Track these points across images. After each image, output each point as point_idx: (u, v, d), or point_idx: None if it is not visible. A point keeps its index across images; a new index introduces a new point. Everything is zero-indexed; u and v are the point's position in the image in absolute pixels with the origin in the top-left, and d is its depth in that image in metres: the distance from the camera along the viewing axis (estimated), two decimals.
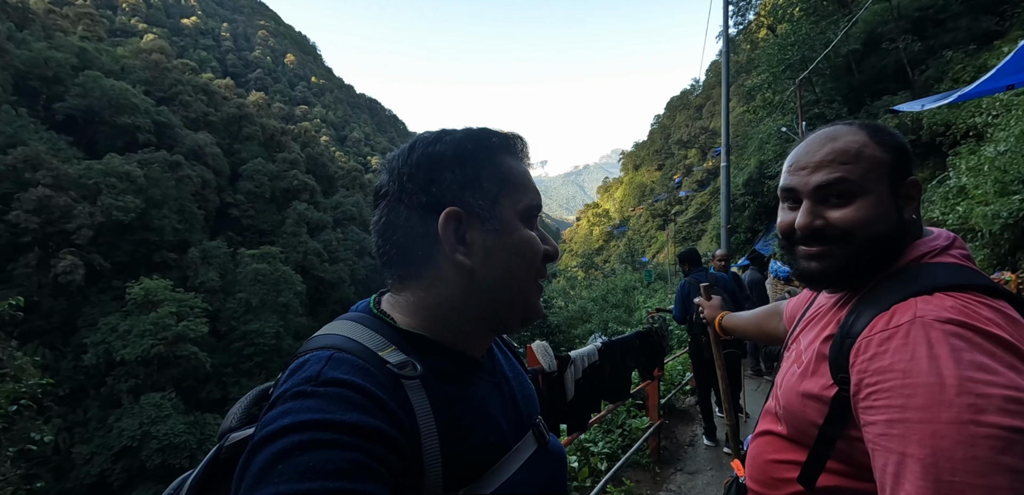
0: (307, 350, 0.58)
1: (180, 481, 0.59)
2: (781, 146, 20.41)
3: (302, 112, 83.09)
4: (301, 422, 0.45)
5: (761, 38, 31.34)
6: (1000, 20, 14.43)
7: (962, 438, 0.55)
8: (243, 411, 0.61)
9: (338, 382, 0.50)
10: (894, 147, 0.80)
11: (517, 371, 0.81)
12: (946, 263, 0.74)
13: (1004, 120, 8.44)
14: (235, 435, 0.56)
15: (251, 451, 0.45)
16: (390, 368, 0.55)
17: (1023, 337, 0.62)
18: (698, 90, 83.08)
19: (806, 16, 20.28)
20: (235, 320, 36.48)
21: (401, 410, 0.52)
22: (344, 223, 59.17)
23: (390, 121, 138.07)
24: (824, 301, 0.91)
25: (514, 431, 0.68)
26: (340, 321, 0.64)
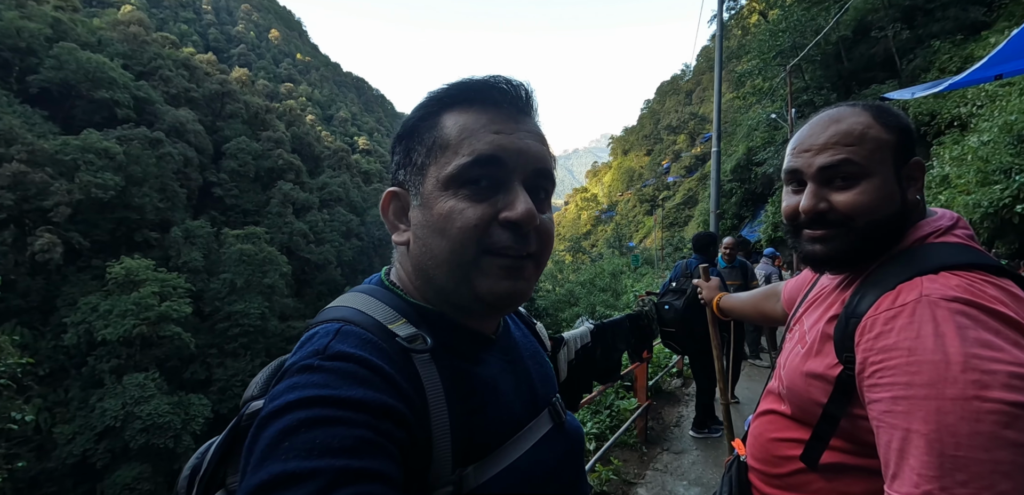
0: (317, 322, 0.57)
1: (205, 448, 0.60)
2: (769, 133, 20.61)
3: (287, 90, 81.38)
4: (307, 398, 0.45)
5: (753, 24, 31.37)
6: (988, 11, 14.63)
7: (966, 414, 0.56)
8: (264, 380, 0.59)
9: (345, 356, 0.49)
10: (898, 128, 0.80)
11: (535, 349, 0.78)
12: (951, 243, 0.75)
13: (988, 111, 8.59)
14: (254, 404, 0.55)
15: (258, 426, 0.45)
16: (399, 341, 0.54)
17: (1017, 310, 0.62)
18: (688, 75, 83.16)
19: (798, 2, 20.35)
20: (219, 301, 36.05)
21: (410, 384, 0.52)
22: (330, 204, 58.53)
23: (377, 101, 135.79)
24: (827, 282, 0.92)
25: (528, 409, 0.66)
26: (352, 293, 0.63)
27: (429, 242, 0.59)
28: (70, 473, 24.81)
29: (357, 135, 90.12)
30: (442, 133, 0.59)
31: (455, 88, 0.61)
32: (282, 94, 77.98)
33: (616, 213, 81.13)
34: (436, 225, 0.58)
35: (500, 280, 0.58)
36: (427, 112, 0.62)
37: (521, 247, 0.58)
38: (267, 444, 0.43)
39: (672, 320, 4.05)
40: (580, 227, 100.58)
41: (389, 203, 0.64)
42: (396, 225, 0.64)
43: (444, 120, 0.60)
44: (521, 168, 0.59)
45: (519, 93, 0.62)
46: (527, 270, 0.60)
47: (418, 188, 0.61)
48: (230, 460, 0.55)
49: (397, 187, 0.64)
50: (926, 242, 0.77)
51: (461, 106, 0.60)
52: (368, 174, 73.56)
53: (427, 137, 0.61)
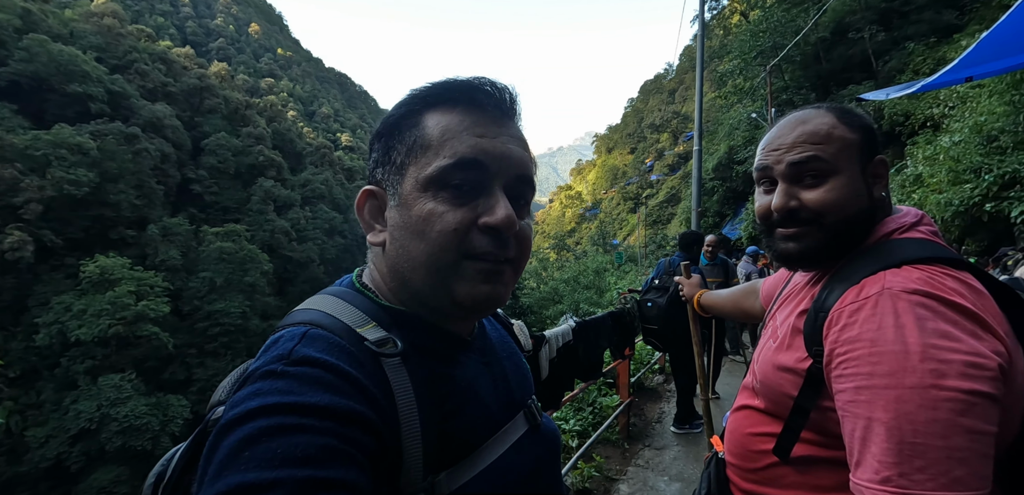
0: (283, 325, 0.56)
1: (170, 455, 0.58)
2: (751, 132, 20.90)
3: (268, 85, 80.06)
4: (269, 405, 0.43)
5: (734, 24, 31.76)
6: (960, 14, 15.02)
7: (924, 402, 0.58)
8: (232, 385, 0.58)
9: (310, 361, 0.47)
10: (861, 127, 0.84)
11: (512, 350, 0.78)
12: (914, 238, 0.78)
13: (959, 112, 8.83)
14: (220, 409, 0.53)
15: (218, 435, 0.43)
16: (368, 345, 0.52)
17: (986, 306, 0.65)
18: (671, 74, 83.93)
19: (778, 3, 20.66)
20: (199, 300, 35.44)
21: (378, 389, 0.50)
22: (313, 201, 57.88)
23: (361, 97, 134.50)
24: (800, 279, 0.94)
25: (504, 411, 0.65)
26: (321, 295, 0.61)
27: (407, 244, 0.57)
28: (44, 477, 24.18)
29: (340, 132, 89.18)
30: (424, 133, 0.58)
31: (438, 87, 0.60)
32: (263, 89, 76.70)
33: (600, 211, 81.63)
34: (415, 227, 0.56)
35: (478, 284, 0.57)
36: (408, 110, 0.60)
37: (500, 252, 0.57)
38: (227, 453, 0.41)
39: (655, 317, 4.09)
40: (564, 225, 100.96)
41: (365, 202, 0.62)
42: (371, 225, 0.62)
43: (426, 120, 0.58)
44: (503, 173, 0.58)
45: (503, 96, 0.61)
46: (505, 275, 0.59)
47: (396, 188, 0.59)
48: (195, 467, 0.52)
49: (374, 186, 0.62)
50: (891, 238, 0.79)
51: (444, 106, 0.59)
52: (351, 171, 72.85)
53: (408, 136, 0.59)
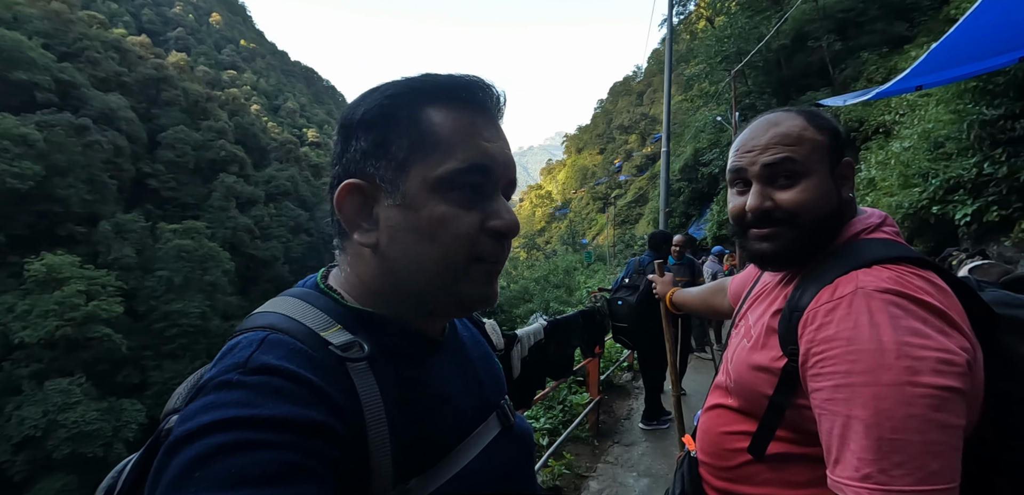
0: (241, 330, 0.53)
1: (121, 467, 0.55)
2: (715, 135, 21.46)
3: (230, 77, 77.41)
4: (224, 419, 0.40)
5: (700, 29, 32.52)
6: (910, 26, 15.79)
7: (901, 398, 0.60)
8: (188, 391, 0.55)
9: (269, 369, 0.45)
10: (829, 130, 0.86)
11: (484, 350, 0.76)
12: (881, 238, 0.80)
13: (909, 119, 9.29)
14: (175, 418, 0.50)
15: (167, 452, 0.40)
16: (333, 350, 0.50)
17: (950, 303, 0.67)
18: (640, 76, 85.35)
19: (742, 10, 21.29)
20: (156, 300, 33.97)
21: (343, 396, 0.48)
22: (278, 198, 56.30)
23: (328, 92, 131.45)
24: (769, 279, 0.96)
25: (476, 413, 0.64)
26: (282, 298, 0.58)
27: (415, 247, 0.55)
28: None
29: (306, 127, 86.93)
30: (431, 130, 0.55)
31: (441, 81, 0.57)
32: (225, 82, 74.11)
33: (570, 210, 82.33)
34: (426, 230, 0.54)
35: (483, 286, 0.58)
36: (407, 102, 0.56)
37: (502, 255, 0.58)
38: (176, 474, 0.38)
39: (625, 316, 4.15)
40: (535, 224, 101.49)
41: (347, 196, 0.56)
42: (358, 223, 0.57)
43: (431, 115, 0.56)
44: (502, 177, 0.59)
45: (497, 98, 0.60)
46: (497, 275, 0.60)
47: (397, 186, 0.55)
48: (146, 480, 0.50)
49: (360, 180, 0.56)
50: (859, 238, 0.82)
51: (448, 104, 0.56)
52: (318, 167, 71.11)
53: (411, 130, 0.55)
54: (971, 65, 3.85)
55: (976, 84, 6.28)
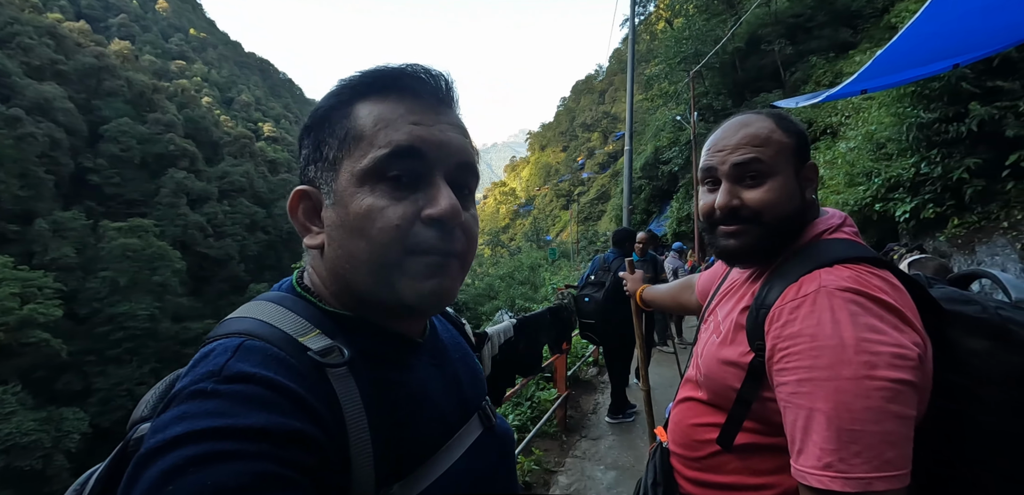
0: (215, 336, 0.51)
1: (85, 477, 0.53)
2: (675, 133, 22.03)
3: (179, 68, 73.65)
4: (198, 430, 0.39)
5: (659, 30, 33.26)
6: (854, 33, 16.66)
7: (859, 391, 0.64)
8: (156, 399, 0.53)
9: (245, 377, 0.43)
10: (796, 133, 0.91)
11: (464, 351, 0.76)
12: (842, 239, 0.85)
13: (854, 121, 9.81)
14: (144, 426, 0.49)
15: (138, 465, 0.38)
16: (311, 356, 0.49)
17: (904, 301, 0.72)
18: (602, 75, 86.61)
19: (699, 13, 21.92)
20: (99, 302, 32.11)
21: (323, 403, 0.47)
22: (232, 195, 54.11)
23: (285, 85, 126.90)
24: (737, 276, 1.01)
25: (458, 414, 0.64)
26: (257, 302, 0.56)
27: (347, 244, 0.54)
28: None
29: (262, 121, 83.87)
30: (356, 124, 0.54)
31: (370, 75, 0.56)
32: (173, 72, 70.49)
33: (534, 207, 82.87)
34: (353, 225, 0.53)
35: (424, 281, 0.54)
36: (338, 101, 0.56)
37: (446, 245, 0.55)
38: (148, 488, 0.36)
39: (591, 312, 4.22)
40: (499, 221, 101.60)
41: (298, 203, 0.57)
42: (307, 227, 0.58)
43: (358, 110, 0.55)
44: (443, 161, 0.56)
45: (438, 83, 0.58)
46: (452, 269, 0.56)
47: (331, 185, 0.55)
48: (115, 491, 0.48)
49: (306, 185, 0.57)
50: (821, 238, 0.87)
51: (376, 95, 0.55)
52: (275, 163, 68.78)
53: (339, 128, 0.55)
54: (910, 71, 4.10)
55: (914, 89, 6.70)
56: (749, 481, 0.84)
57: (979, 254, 6.03)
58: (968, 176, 6.23)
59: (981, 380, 0.71)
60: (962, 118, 6.20)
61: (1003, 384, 0.69)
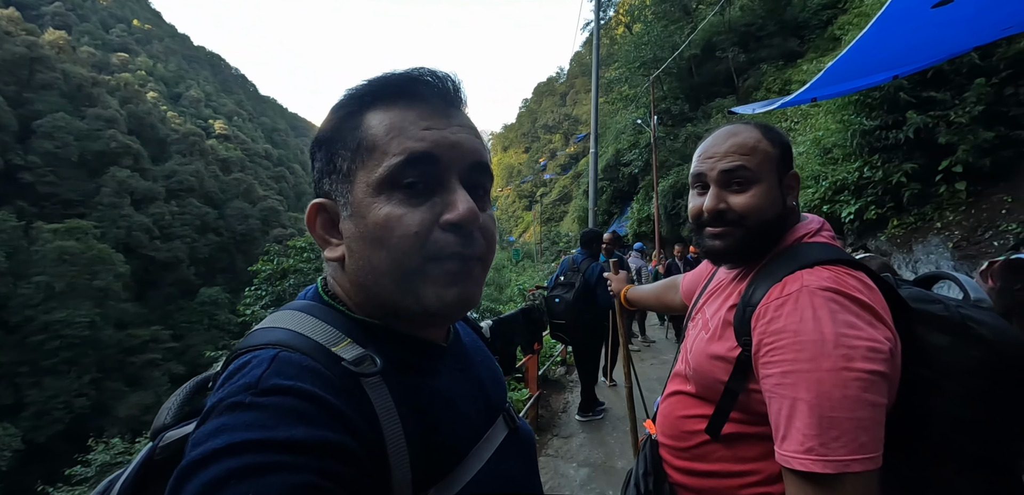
0: (248, 347, 0.51)
1: (108, 482, 0.53)
2: (635, 136, 22.53)
3: (121, 61, 69.55)
4: (237, 443, 0.39)
5: (619, 35, 33.95)
6: (801, 42, 17.51)
7: (838, 382, 0.71)
8: (178, 406, 0.54)
9: (282, 390, 0.44)
10: (780, 144, 0.98)
11: (485, 354, 0.77)
12: (820, 242, 0.92)
13: (803, 127, 10.35)
14: (171, 434, 0.51)
15: (180, 477, 0.39)
16: (346, 365, 0.49)
17: (878, 300, 0.80)
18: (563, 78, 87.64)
19: (657, 19, 22.52)
20: (32, 309, 30.00)
21: (359, 413, 0.47)
22: (181, 194, 51.63)
23: (238, 81, 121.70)
24: (724, 276, 1.07)
25: (484, 417, 0.64)
26: (286, 311, 0.56)
27: (367, 255, 0.54)
28: None
29: (213, 118, 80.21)
30: (368, 133, 0.54)
31: (377, 83, 0.56)
32: (114, 65, 66.58)
33: (497, 208, 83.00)
34: (372, 235, 0.53)
35: (447, 287, 0.54)
36: (347, 112, 0.57)
37: (467, 250, 0.55)
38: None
39: (562, 312, 4.29)
40: None
41: (316, 216, 0.58)
42: (327, 239, 0.58)
43: (368, 119, 0.55)
44: (457, 164, 0.56)
45: (446, 85, 0.58)
46: (474, 273, 0.57)
47: (347, 197, 0.55)
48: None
49: (322, 198, 0.58)
50: (802, 241, 0.94)
51: (386, 102, 0.56)
52: (227, 162, 65.96)
53: (351, 139, 0.55)
54: (855, 81, 4.39)
55: (858, 98, 7.13)
56: (735, 468, 0.90)
57: (916, 252, 6.49)
58: (906, 180, 6.68)
59: (944, 372, 0.79)
60: (900, 126, 6.64)
61: (962, 375, 0.78)
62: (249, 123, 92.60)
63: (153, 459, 0.50)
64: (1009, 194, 5.80)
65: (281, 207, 67.45)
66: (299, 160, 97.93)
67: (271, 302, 11.18)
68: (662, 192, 17.27)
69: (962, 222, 6.12)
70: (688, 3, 22.93)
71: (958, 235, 6.02)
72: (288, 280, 11.32)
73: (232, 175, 63.70)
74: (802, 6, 17.98)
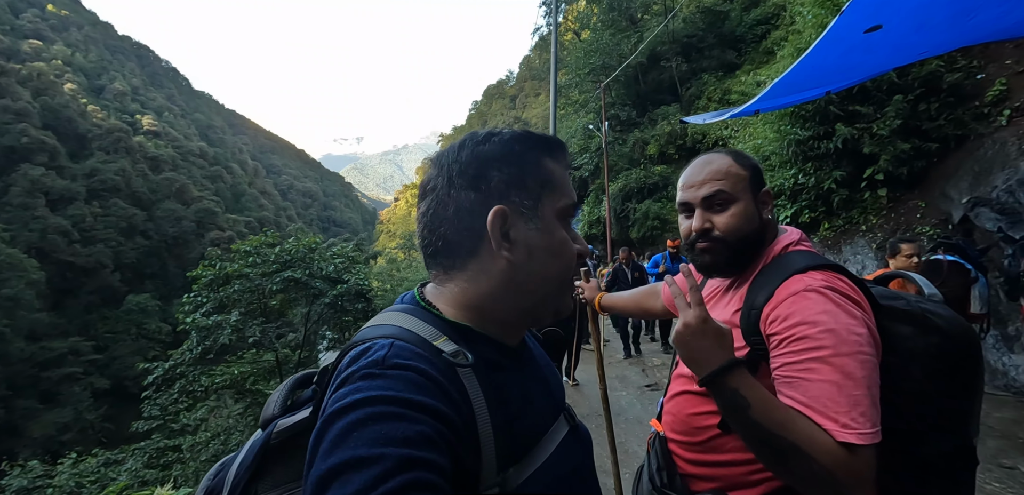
0: (366, 338, 0.60)
1: (220, 465, 0.66)
2: (585, 141, 23.05)
3: (33, 49, 63.52)
4: (372, 397, 0.50)
5: (568, 41, 34.60)
6: (738, 55, 18.58)
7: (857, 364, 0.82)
8: (282, 400, 0.66)
9: (403, 366, 0.54)
10: (750, 166, 1.11)
11: (546, 359, 0.86)
12: (803, 250, 1.05)
13: (742, 135, 10.99)
14: (284, 421, 0.62)
15: (326, 422, 0.49)
16: (445, 357, 0.58)
17: (861, 297, 0.92)
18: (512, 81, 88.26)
19: (605, 27, 23.16)
20: None
21: (458, 394, 0.56)
22: (104, 195, 47.97)
23: (168, 75, 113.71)
24: (717, 284, 1.18)
25: (550, 413, 0.73)
26: (391, 312, 0.67)
27: (548, 262, 0.68)
28: None
29: (140, 113, 74.70)
30: (550, 174, 0.70)
31: (552, 141, 0.74)
32: (26, 53, 60.77)
33: None
34: (555, 249, 0.69)
35: (569, 298, 0.73)
36: (532, 151, 0.71)
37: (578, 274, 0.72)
38: (336, 435, 0.47)
39: None
40: (411, 224, 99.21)
41: (496, 218, 0.66)
42: (502, 242, 0.66)
43: (547, 163, 0.71)
44: None
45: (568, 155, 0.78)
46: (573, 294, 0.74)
47: (534, 213, 0.68)
48: (262, 477, 0.61)
49: (504, 205, 0.66)
50: (788, 251, 1.06)
51: (554, 157, 0.73)
52: (157, 160, 61.71)
53: (537, 172, 0.70)
54: (792, 96, 4.77)
55: (793, 111, 7.68)
56: (745, 456, 0.98)
57: (845, 253, 7.06)
58: (835, 186, 7.26)
59: (908, 357, 0.92)
60: (830, 137, 7.21)
61: (924, 358, 0.91)
62: (182, 119, 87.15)
63: (269, 443, 0.61)
64: (923, 199, 6.44)
65: (218, 208, 63.92)
66: (237, 159, 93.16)
67: (213, 309, 10.57)
68: (612, 195, 17.79)
69: (883, 225, 6.73)
70: (634, 13, 23.77)
71: (880, 237, 6.62)
72: (232, 286, 10.74)
73: (163, 174, 59.78)
74: (739, 21, 19.10)
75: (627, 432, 4.60)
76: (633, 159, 19.73)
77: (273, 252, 11.38)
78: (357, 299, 12.29)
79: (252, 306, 11.21)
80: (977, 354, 0.94)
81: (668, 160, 18.10)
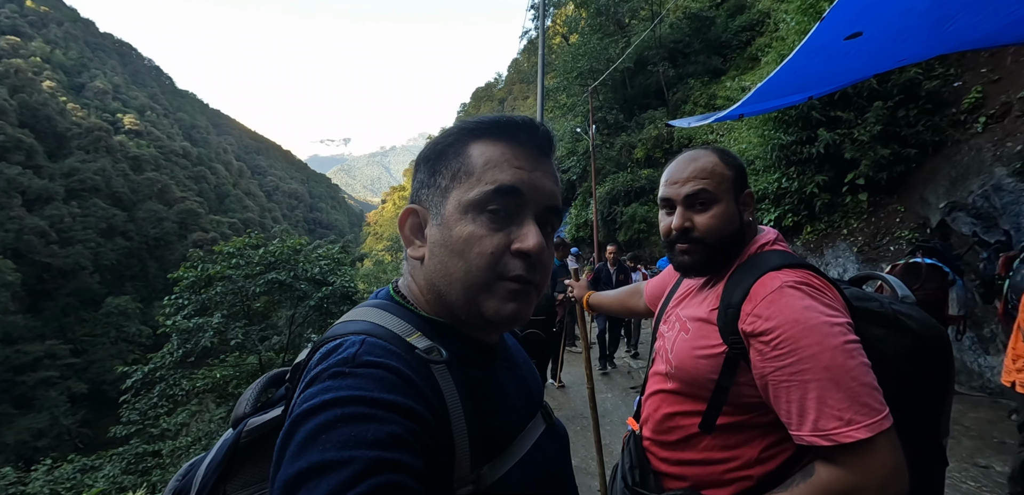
0: (337, 335, 0.59)
1: (189, 465, 0.63)
2: (572, 143, 23.14)
3: (11, 45, 61.96)
4: (341, 397, 0.48)
5: (556, 45, 34.72)
6: (723, 61, 18.81)
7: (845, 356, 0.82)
8: (255, 398, 0.63)
9: (374, 364, 0.52)
10: (735, 166, 1.10)
11: (525, 357, 0.85)
12: (778, 250, 1.05)
13: (727, 140, 11.11)
14: (254, 420, 0.60)
15: (293, 423, 0.48)
16: (418, 353, 0.57)
17: (835, 294, 0.93)
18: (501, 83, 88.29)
19: (592, 32, 23.29)
20: None
21: (431, 391, 0.55)
22: (83, 195, 46.97)
23: (151, 73, 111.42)
24: (693, 283, 1.17)
25: (526, 411, 0.73)
26: (365, 308, 0.66)
27: (446, 261, 0.63)
28: None
29: (122, 112, 73.17)
30: (468, 161, 0.64)
31: (485, 123, 0.66)
32: (4, 49, 59.30)
33: None
34: (455, 246, 0.62)
35: (506, 303, 0.63)
36: (456, 139, 0.66)
37: (529, 275, 0.63)
38: (304, 437, 0.46)
39: None
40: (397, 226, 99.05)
41: (407, 219, 0.68)
42: (412, 240, 0.68)
43: (471, 149, 0.64)
44: (535, 203, 0.64)
45: (541, 136, 0.68)
46: (530, 296, 0.65)
47: (439, 209, 0.65)
48: (231, 477, 0.59)
49: (417, 205, 0.68)
50: (764, 250, 1.06)
51: (488, 139, 0.65)
52: (139, 160, 60.56)
53: (453, 163, 0.65)
54: (775, 101, 4.83)
55: (776, 116, 7.78)
56: (719, 456, 0.99)
57: (827, 256, 7.17)
58: (817, 190, 7.37)
59: (880, 358, 0.91)
60: (813, 142, 7.32)
61: (896, 360, 0.92)
62: (165, 119, 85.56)
63: (239, 443, 0.59)
64: (902, 204, 6.56)
65: (201, 209, 62.91)
66: (222, 159, 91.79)
67: (194, 311, 10.38)
68: (599, 198, 17.86)
69: (864, 229, 6.84)
70: (622, 18, 23.94)
71: (861, 241, 6.73)
72: (214, 288, 10.56)
73: (145, 174, 58.68)
74: (725, 27, 19.34)
75: (613, 433, 4.61)
76: (620, 162, 19.82)
77: (257, 254, 11.19)
78: (343, 301, 12.15)
79: (235, 309, 11.01)
80: (948, 355, 0.95)
81: (655, 164, 18.20)
